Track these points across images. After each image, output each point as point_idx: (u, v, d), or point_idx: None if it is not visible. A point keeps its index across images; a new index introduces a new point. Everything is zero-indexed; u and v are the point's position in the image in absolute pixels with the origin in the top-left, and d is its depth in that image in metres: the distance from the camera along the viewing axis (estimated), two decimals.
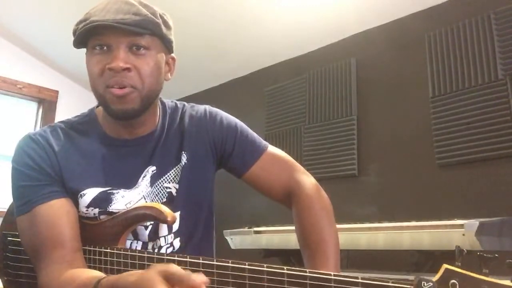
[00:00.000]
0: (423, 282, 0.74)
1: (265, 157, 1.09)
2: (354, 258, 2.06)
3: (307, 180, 1.08)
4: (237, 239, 2.24)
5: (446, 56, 2.21)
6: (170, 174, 1.03)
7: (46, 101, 3.68)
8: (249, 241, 2.18)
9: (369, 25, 2.58)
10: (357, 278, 0.76)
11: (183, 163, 1.05)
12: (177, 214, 1.03)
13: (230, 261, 0.81)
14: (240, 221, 2.49)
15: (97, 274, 0.84)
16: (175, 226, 1.03)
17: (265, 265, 0.79)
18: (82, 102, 3.57)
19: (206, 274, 0.79)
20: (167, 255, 0.88)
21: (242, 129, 1.12)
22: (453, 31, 2.20)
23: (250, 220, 2.62)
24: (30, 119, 3.68)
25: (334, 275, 0.76)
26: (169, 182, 1.03)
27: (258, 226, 2.24)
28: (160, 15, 0.98)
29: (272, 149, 1.12)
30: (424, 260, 1.79)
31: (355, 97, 2.58)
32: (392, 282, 0.76)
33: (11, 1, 2.94)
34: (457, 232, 1.50)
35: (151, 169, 1.02)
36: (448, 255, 1.72)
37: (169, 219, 0.93)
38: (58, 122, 1.06)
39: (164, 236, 1.03)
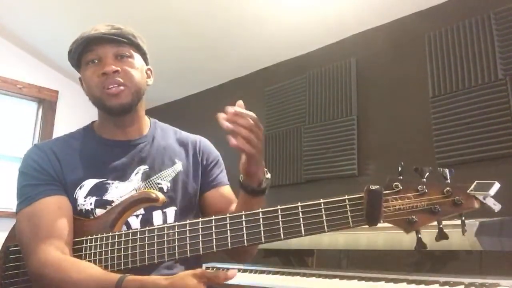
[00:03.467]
0: (370, 186, 0.88)
1: (224, 188, 1.28)
2: (354, 258, 2.06)
3: None
4: None
5: (446, 56, 2.21)
6: (163, 174, 1.20)
7: (46, 101, 3.68)
8: None
9: (369, 25, 2.58)
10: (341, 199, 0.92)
11: (180, 169, 1.22)
12: (173, 209, 1.18)
13: (243, 212, 0.96)
14: None
15: (110, 273, 0.96)
16: (170, 219, 1.16)
17: (279, 206, 0.94)
18: (82, 102, 3.56)
19: (220, 223, 0.97)
20: (167, 224, 1.01)
21: (221, 161, 1.32)
22: (453, 31, 2.20)
23: None
24: (30, 119, 3.68)
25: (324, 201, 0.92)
26: (161, 180, 1.19)
27: None
28: (135, 32, 1.20)
29: (229, 188, 1.31)
30: (424, 260, 1.79)
31: (355, 97, 2.58)
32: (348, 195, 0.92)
33: (11, 1, 2.94)
34: (457, 232, 1.50)
35: (143, 167, 1.19)
36: (448, 255, 1.72)
37: (160, 199, 1.08)
38: (62, 135, 1.26)
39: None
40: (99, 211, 1.11)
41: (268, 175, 1.08)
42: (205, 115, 3.50)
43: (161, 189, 1.17)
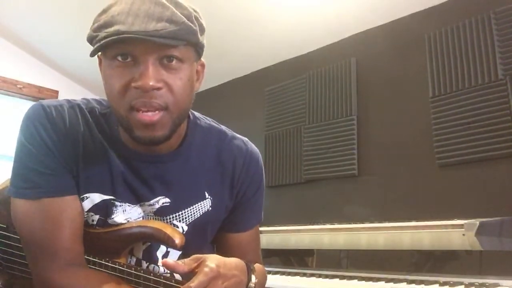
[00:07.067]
0: None
1: (243, 236, 1.05)
2: (354, 258, 2.06)
3: (262, 266, 1.06)
4: None
5: (446, 56, 2.21)
6: (183, 214, 0.95)
7: None
8: None
9: (369, 25, 2.58)
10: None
11: (207, 208, 0.97)
12: (178, 253, 0.97)
13: None
14: None
15: None
16: (175, 257, 0.96)
17: None
18: None
19: None
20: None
21: (260, 195, 1.05)
22: (453, 31, 2.20)
23: None
24: None
25: None
26: (179, 221, 0.95)
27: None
28: (195, 17, 0.85)
29: (253, 232, 1.07)
30: (424, 260, 1.79)
31: (355, 97, 2.58)
32: None
33: (11, 1, 2.94)
34: (457, 232, 1.50)
35: (163, 201, 0.93)
36: (448, 255, 1.72)
37: (177, 242, 0.86)
38: (78, 100, 0.93)
39: None
40: (100, 228, 0.94)
41: (254, 280, 0.89)
42: (205, 115, 3.50)
43: None
